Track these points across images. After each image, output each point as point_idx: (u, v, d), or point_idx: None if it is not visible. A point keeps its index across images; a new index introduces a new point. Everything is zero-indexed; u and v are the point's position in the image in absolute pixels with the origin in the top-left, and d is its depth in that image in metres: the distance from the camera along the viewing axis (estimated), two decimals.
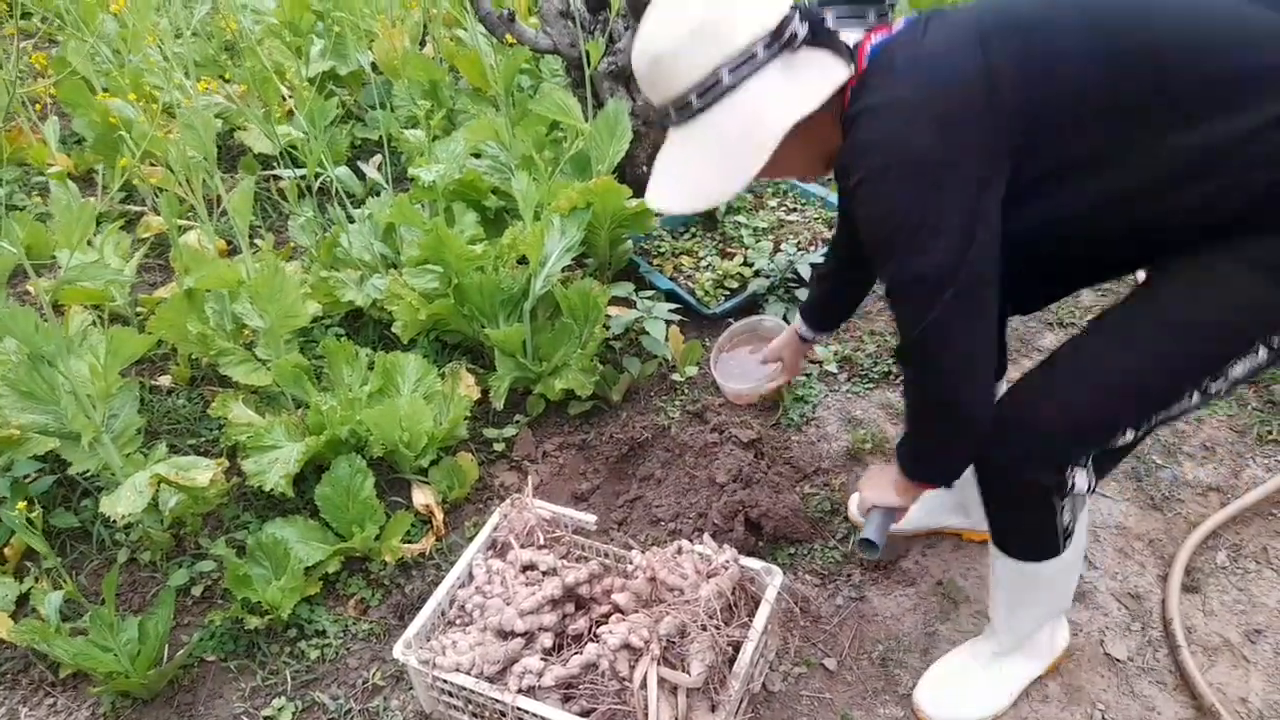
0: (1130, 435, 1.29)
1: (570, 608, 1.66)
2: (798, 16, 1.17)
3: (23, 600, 1.93)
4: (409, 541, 2.01)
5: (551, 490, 2.17)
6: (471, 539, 2.05)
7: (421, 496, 2.10)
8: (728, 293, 2.70)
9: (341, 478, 1.98)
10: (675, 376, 2.47)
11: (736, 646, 1.56)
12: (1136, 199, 1.16)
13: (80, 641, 1.70)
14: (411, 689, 1.76)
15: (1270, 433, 2.15)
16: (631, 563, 1.68)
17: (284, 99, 3.12)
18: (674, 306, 2.44)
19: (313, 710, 1.74)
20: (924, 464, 1.43)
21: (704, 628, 1.53)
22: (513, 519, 1.81)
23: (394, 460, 2.16)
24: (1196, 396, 1.23)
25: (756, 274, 2.70)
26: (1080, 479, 1.33)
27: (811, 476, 2.14)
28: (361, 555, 1.98)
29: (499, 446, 2.27)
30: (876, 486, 1.54)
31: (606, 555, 1.79)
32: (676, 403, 2.40)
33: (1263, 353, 1.20)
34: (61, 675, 1.80)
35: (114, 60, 3.35)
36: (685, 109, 1.20)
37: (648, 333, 2.37)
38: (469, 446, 2.26)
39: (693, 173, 1.23)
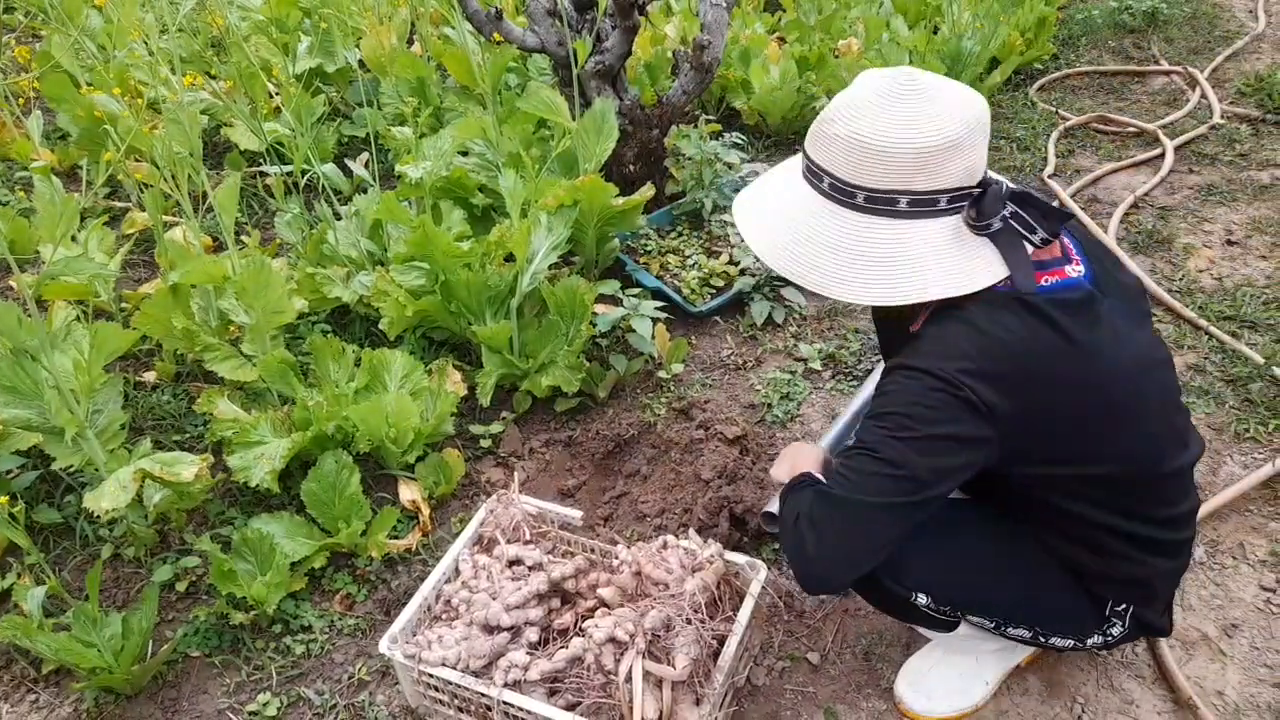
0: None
1: (556, 602, 1.66)
2: (996, 195, 1.19)
3: (4, 596, 1.91)
4: (395, 537, 2.01)
5: (538, 486, 2.18)
6: (458, 534, 2.05)
7: (408, 492, 2.11)
8: (714, 291, 2.71)
9: (328, 473, 1.98)
10: (661, 374, 2.48)
11: (721, 640, 1.57)
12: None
13: (63, 637, 1.69)
14: (397, 684, 1.76)
15: (1247, 430, 2.18)
16: (617, 557, 1.68)
17: (271, 96, 3.11)
18: (660, 304, 2.45)
19: (298, 705, 1.73)
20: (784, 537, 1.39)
21: (689, 621, 1.53)
22: (499, 514, 1.81)
23: (380, 456, 2.16)
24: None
25: (742, 272, 2.72)
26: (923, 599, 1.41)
27: None
28: (347, 551, 1.98)
29: (485, 443, 2.27)
30: (790, 466, 1.49)
31: (593, 550, 1.79)
32: (662, 400, 2.41)
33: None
34: (44, 671, 1.79)
35: (99, 55, 3.33)
36: (889, 203, 1.19)
37: (634, 330, 2.38)
38: (455, 443, 2.26)
39: (858, 270, 1.22)
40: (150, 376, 2.45)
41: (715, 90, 3.72)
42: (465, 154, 2.80)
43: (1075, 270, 1.25)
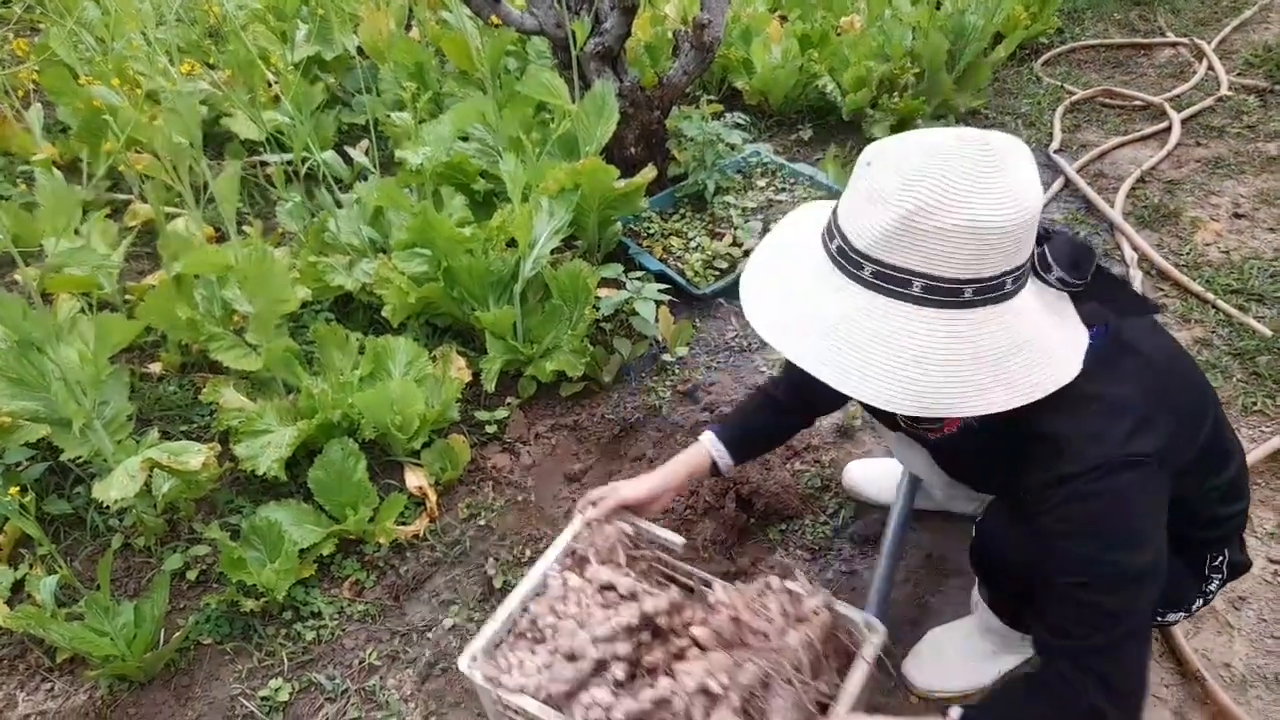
0: None
1: (646, 636, 1.49)
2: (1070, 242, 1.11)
3: (18, 586, 1.93)
4: (402, 523, 2.02)
5: (544, 471, 2.18)
6: (465, 520, 2.06)
7: (414, 479, 2.11)
8: (717, 273, 2.70)
9: (334, 461, 1.99)
10: (666, 357, 2.47)
11: (823, 706, 1.37)
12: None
13: (76, 626, 1.71)
14: (408, 668, 1.78)
15: (1255, 404, 2.17)
16: (713, 596, 1.52)
17: (269, 84, 3.10)
18: (664, 287, 2.44)
19: (310, 691, 1.75)
20: None
21: (789, 682, 1.36)
22: (594, 531, 1.65)
23: (386, 443, 2.16)
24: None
25: (746, 254, 2.71)
26: None
27: (802, 453, 2.16)
28: (355, 537, 1.99)
29: (491, 429, 2.28)
30: None
31: (690, 576, 1.63)
32: (667, 383, 2.40)
33: None
34: (58, 660, 1.81)
35: (97, 47, 3.33)
36: (998, 288, 1.03)
37: (638, 313, 2.37)
38: (461, 429, 2.27)
39: (1004, 374, 1.05)
40: (155, 367, 2.46)
41: (716, 70, 3.70)
42: (465, 139, 2.79)
43: None
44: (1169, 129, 3.35)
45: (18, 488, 1.75)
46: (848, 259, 1.06)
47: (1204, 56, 3.86)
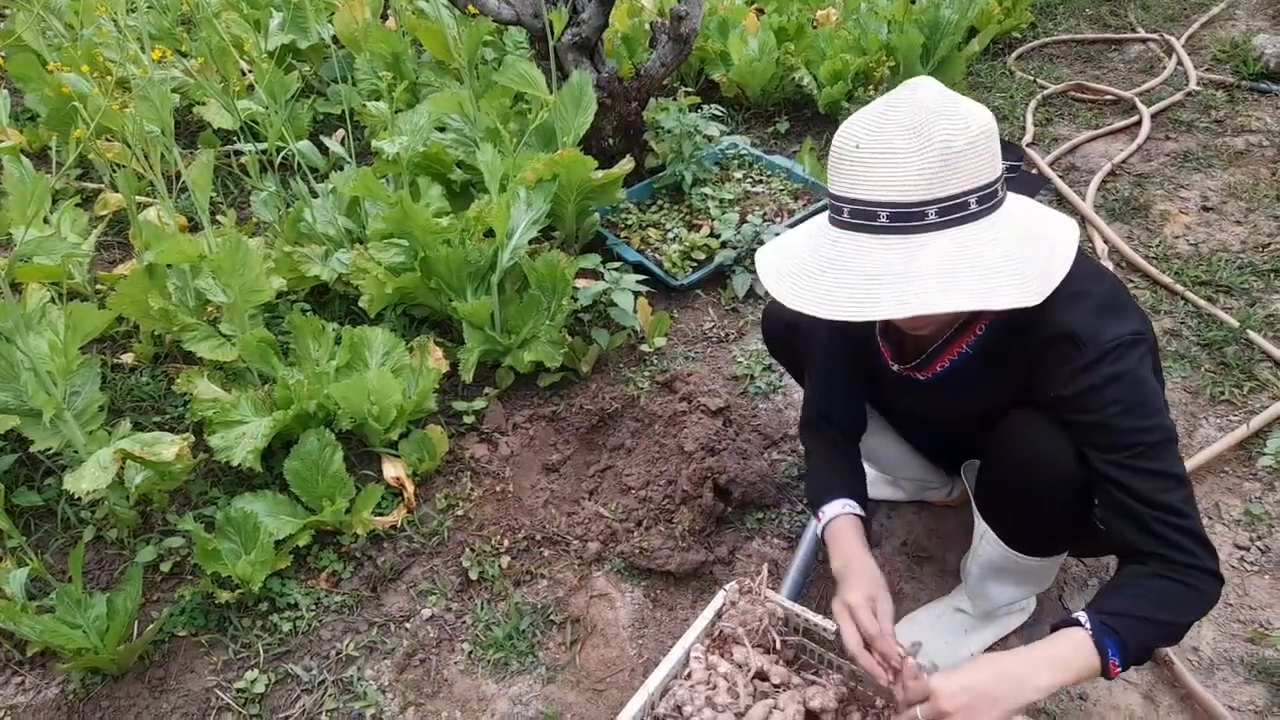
0: None
1: None
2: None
3: None
4: (380, 514, 2.01)
5: (523, 462, 2.18)
6: (443, 510, 2.06)
7: (392, 469, 2.10)
8: (695, 264, 2.71)
9: (310, 451, 1.98)
10: (644, 347, 2.48)
11: None
12: None
13: (47, 619, 1.69)
14: (386, 659, 1.77)
15: (1222, 393, 2.21)
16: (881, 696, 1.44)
17: (243, 73, 3.07)
18: (642, 278, 2.45)
19: (286, 682, 1.74)
20: (1163, 640, 1.24)
21: None
22: (743, 610, 1.54)
23: (363, 434, 2.15)
24: None
25: (723, 245, 2.72)
26: None
27: (779, 443, 2.17)
28: (332, 528, 1.97)
29: (469, 419, 2.27)
30: (1041, 673, 1.16)
31: (839, 669, 1.52)
32: (645, 373, 2.41)
33: None
34: (29, 653, 1.78)
35: (66, 34, 3.27)
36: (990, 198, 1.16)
37: (616, 304, 2.38)
38: (439, 419, 2.26)
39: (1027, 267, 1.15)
40: (128, 358, 2.43)
41: (694, 62, 3.70)
42: (442, 129, 2.77)
43: None
44: (1139, 123, 3.40)
45: None
46: (906, 216, 1.13)
47: (1173, 52, 3.92)
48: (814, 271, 1.21)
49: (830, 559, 1.49)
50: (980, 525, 1.54)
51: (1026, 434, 1.33)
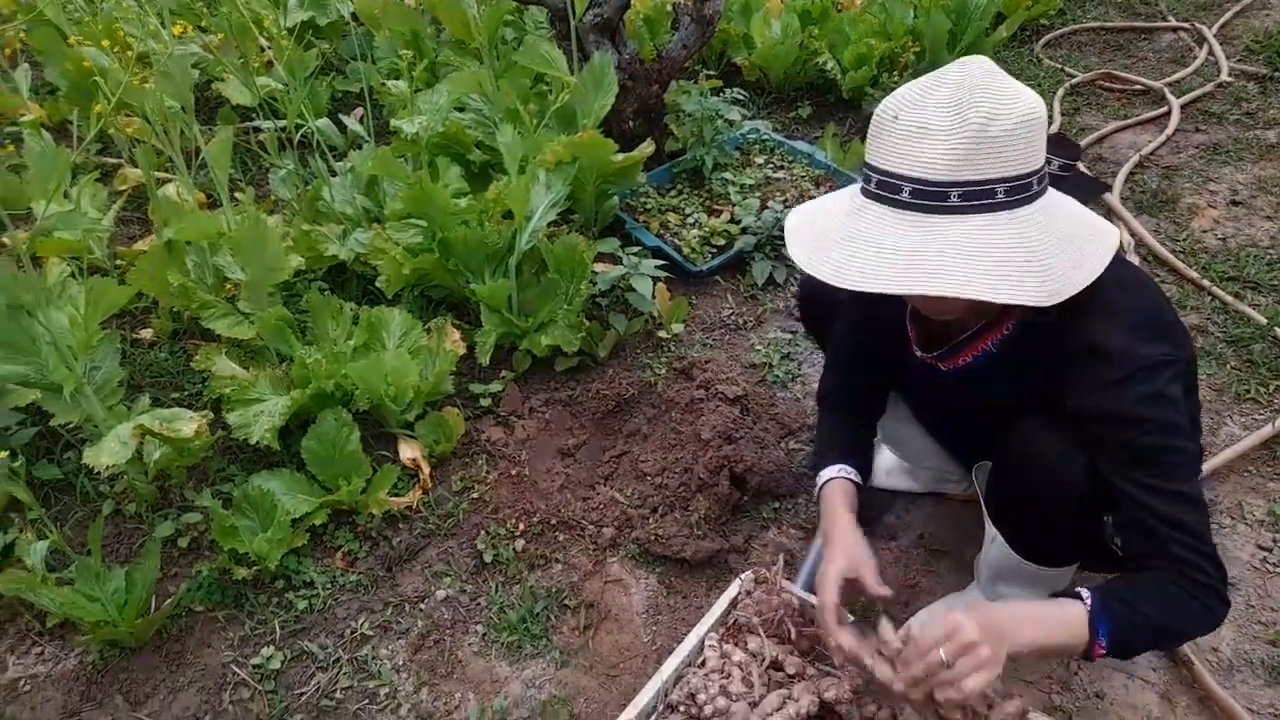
0: None
1: None
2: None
3: (7, 551, 1.91)
4: (396, 494, 2.01)
5: (538, 445, 2.18)
6: (459, 492, 2.06)
7: (408, 450, 2.10)
8: (714, 250, 2.69)
9: (328, 431, 1.98)
10: (661, 333, 2.47)
11: None
12: None
13: (67, 591, 1.70)
14: (400, 639, 1.78)
15: (1248, 391, 2.18)
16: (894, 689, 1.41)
17: (262, 50, 3.05)
18: (660, 263, 2.43)
19: (301, 659, 1.75)
20: (1155, 643, 1.32)
21: None
22: (758, 600, 1.54)
23: (380, 414, 2.15)
24: None
25: (744, 231, 2.69)
26: None
27: (796, 433, 2.16)
28: (348, 508, 1.98)
29: (485, 402, 2.27)
30: (1025, 626, 1.15)
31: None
32: (663, 359, 2.40)
33: None
34: (49, 625, 1.80)
35: (86, 8, 3.26)
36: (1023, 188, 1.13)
37: (634, 289, 2.36)
38: (455, 401, 2.26)
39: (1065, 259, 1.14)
40: (147, 334, 2.44)
41: (715, 45, 3.66)
42: (461, 109, 2.76)
43: None
44: (1168, 114, 3.34)
45: (7, 452, 1.73)
46: (929, 195, 1.11)
47: (1205, 42, 3.85)
48: (834, 239, 1.20)
49: (820, 522, 1.52)
50: (991, 528, 1.53)
51: (1040, 445, 1.32)
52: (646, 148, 2.61)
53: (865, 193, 1.18)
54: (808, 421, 2.19)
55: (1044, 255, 1.12)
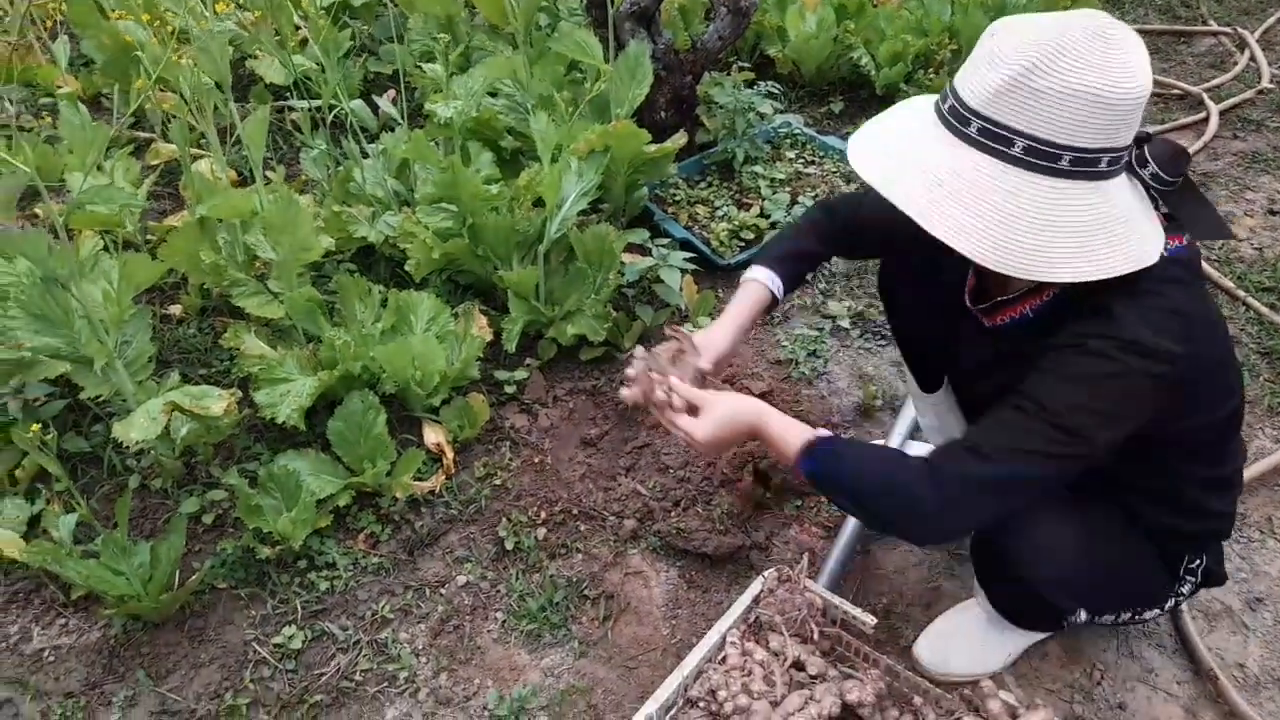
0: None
1: None
2: (1167, 144, 1.15)
3: (34, 522, 1.93)
4: (419, 479, 2.02)
5: (561, 434, 2.18)
6: (482, 479, 2.06)
7: (432, 435, 2.11)
8: (743, 244, 2.68)
9: (354, 413, 1.98)
10: (688, 326, 2.45)
11: None
12: None
13: (92, 564, 1.71)
14: (420, 622, 1.78)
15: None
16: (918, 698, 1.45)
17: (297, 28, 3.05)
18: (688, 255, 2.42)
19: (322, 640, 1.76)
20: (843, 497, 1.36)
21: None
22: (781, 598, 1.54)
23: (405, 398, 2.15)
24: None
25: (773, 226, 2.68)
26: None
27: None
28: (372, 490, 1.99)
29: (510, 389, 2.27)
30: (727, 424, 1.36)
31: (875, 663, 1.52)
32: None
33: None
34: (73, 596, 1.81)
35: None
36: (1092, 164, 1.08)
37: (662, 281, 2.35)
38: (480, 387, 2.26)
39: (1075, 244, 1.10)
40: (176, 310, 2.45)
41: (749, 37, 3.63)
42: (494, 95, 2.75)
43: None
44: (1206, 120, 3.30)
45: (39, 424, 1.75)
46: (958, 117, 1.12)
47: (1246, 47, 3.79)
48: (888, 132, 1.23)
49: None
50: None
51: (1027, 521, 1.32)
52: (679, 139, 2.59)
53: (936, 108, 1.19)
54: (833, 419, 2.18)
55: (1022, 231, 1.09)
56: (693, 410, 1.40)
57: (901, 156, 1.17)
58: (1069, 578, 1.34)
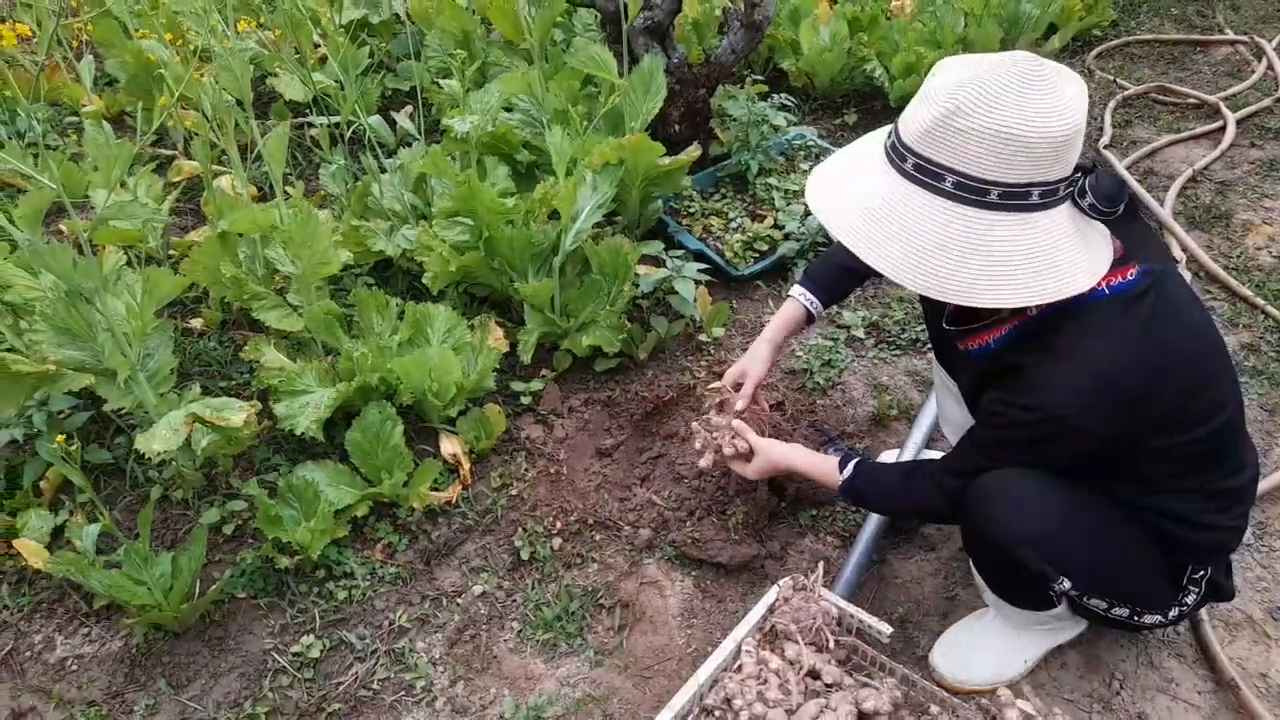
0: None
1: None
2: (1109, 175, 1.20)
3: (58, 533, 1.96)
4: (436, 489, 2.03)
5: (576, 445, 2.19)
6: (498, 489, 2.07)
7: (449, 446, 2.12)
8: (757, 255, 2.69)
9: (372, 424, 2.00)
10: (702, 337, 2.46)
11: None
12: None
13: (114, 574, 1.74)
14: (437, 631, 1.79)
15: None
16: (935, 707, 1.46)
17: (316, 46, 3.10)
18: (703, 267, 2.43)
19: (340, 649, 1.77)
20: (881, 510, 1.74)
21: None
22: (796, 607, 1.55)
23: (422, 409, 2.17)
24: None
25: (787, 237, 2.69)
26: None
27: (836, 440, 2.15)
28: (389, 501, 2.00)
29: (526, 400, 2.28)
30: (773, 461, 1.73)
31: (890, 672, 1.53)
32: (703, 363, 2.40)
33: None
34: (95, 606, 1.84)
35: (148, 1, 3.33)
36: (1022, 197, 1.14)
37: (676, 292, 2.37)
38: (496, 398, 2.27)
39: (1001, 273, 1.17)
40: (197, 323, 2.48)
41: (762, 50, 3.65)
42: (509, 110, 2.78)
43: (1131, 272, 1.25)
44: (1223, 129, 3.28)
45: (64, 435, 1.78)
46: (897, 153, 1.20)
47: (1263, 55, 3.77)
48: (840, 165, 1.34)
49: None
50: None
51: (1008, 486, 1.35)
52: (693, 151, 2.61)
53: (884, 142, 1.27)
54: (847, 429, 2.18)
55: (947, 259, 1.17)
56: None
57: (845, 186, 1.27)
58: (1037, 531, 1.31)
